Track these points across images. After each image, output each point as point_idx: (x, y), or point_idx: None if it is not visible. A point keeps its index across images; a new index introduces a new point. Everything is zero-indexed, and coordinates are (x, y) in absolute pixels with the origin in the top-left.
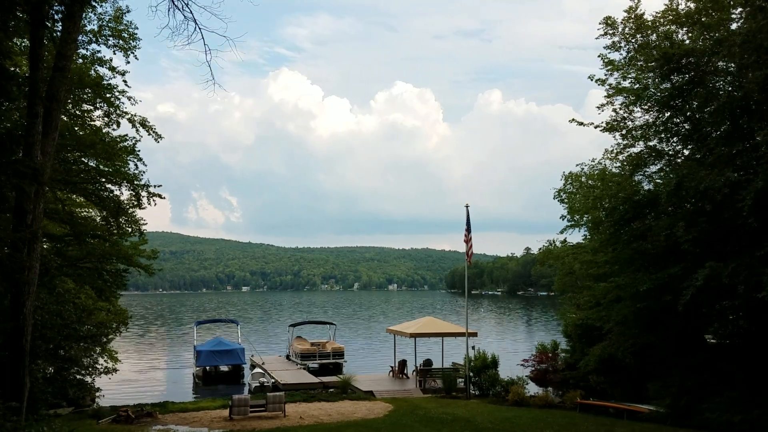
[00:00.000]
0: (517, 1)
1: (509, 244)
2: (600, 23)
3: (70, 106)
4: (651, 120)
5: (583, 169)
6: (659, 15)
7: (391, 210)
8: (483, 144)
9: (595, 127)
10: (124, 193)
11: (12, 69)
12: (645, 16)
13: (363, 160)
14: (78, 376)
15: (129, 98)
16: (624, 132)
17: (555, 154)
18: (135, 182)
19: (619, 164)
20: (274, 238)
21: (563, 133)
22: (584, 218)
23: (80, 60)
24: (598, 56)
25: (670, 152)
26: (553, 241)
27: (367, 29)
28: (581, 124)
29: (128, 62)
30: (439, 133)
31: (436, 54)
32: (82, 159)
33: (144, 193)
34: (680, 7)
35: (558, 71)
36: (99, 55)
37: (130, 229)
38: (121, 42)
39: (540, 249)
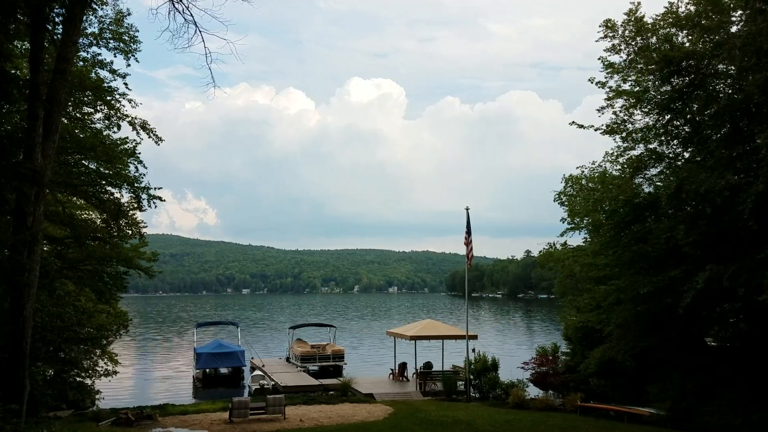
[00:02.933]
0: (442, 24)
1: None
2: (600, 26)
3: (71, 108)
4: (651, 123)
5: (583, 171)
6: (659, 18)
7: (386, 213)
8: (451, 146)
9: (595, 130)
10: (125, 196)
11: (13, 72)
12: (645, 19)
13: (334, 163)
14: (78, 379)
15: (129, 101)
16: (624, 135)
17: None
18: (135, 185)
19: (619, 167)
20: (253, 239)
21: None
22: (584, 221)
23: (81, 63)
24: (598, 59)
25: (671, 155)
26: (554, 244)
27: (301, 45)
28: (581, 126)
29: (129, 65)
30: (405, 136)
31: (382, 68)
32: (83, 161)
33: (144, 196)
34: (680, 9)
35: (500, 87)
36: (99, 57)
37: (130, 232)
38: (121, 45)
39: (540, 251)
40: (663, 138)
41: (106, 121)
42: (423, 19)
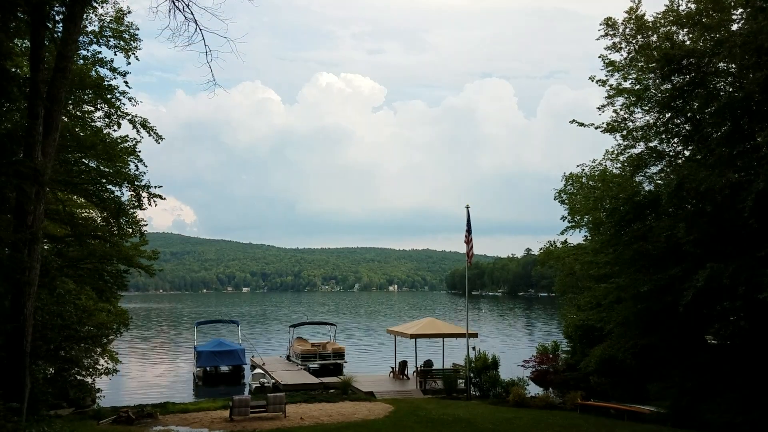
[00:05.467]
0: (385, 36)
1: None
2: (600, 24)
3: (71, 106)
4: (652, 121)
5: (583, 170)
6: (660, 16)
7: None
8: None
9: (596, 128)
10: (125, 194)
11: (13, 70)
12: (645, 17)
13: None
14: (79, 377)
15: (130, 99)
16: (625, 133)
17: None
18: (136, 183)
19: (619, 165)
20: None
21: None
22: (585, 219)
23: (81, 61)
24: (599, 57)
25: (671, 153)
26: (554, 242)
27: (253, 55)
28: (582, 124)
29: (129, 63)
30: (384, 135)
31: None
32: (83, 160)
33: (144, 194)
34: (681, 8)
35: (463, 93)
36: (100, 55)
37: (130, 230)
38: (122, 43)
39: (540, 250)
40: (663, 136)
41: (107, 119)
42: (366, 32)
